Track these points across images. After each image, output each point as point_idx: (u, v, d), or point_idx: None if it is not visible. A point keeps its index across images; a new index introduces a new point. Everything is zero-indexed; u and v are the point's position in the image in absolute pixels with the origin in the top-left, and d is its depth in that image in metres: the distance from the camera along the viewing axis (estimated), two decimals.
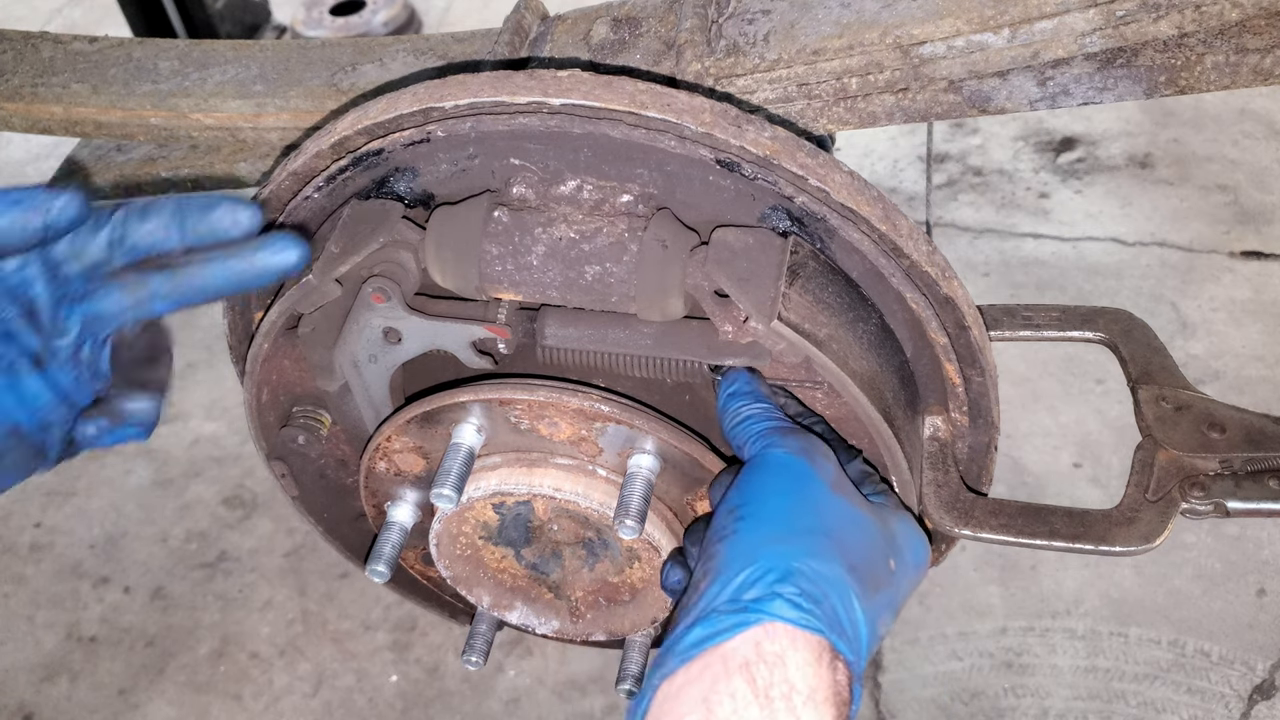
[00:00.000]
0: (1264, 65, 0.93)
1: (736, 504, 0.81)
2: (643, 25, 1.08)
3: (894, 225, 0.86)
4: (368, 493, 1.08)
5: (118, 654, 2.04)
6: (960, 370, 0.96)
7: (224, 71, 1.24)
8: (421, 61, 1.20)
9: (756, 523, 0.78)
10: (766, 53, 0.98)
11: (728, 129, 0.83)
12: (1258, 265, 2.45)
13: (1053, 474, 2.09)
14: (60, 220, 0.74)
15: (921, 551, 0.85)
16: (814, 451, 0.83)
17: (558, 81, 0.85)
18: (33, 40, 1.34)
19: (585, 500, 0.97)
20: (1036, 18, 0.91)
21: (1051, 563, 1.95)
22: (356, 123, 0.89)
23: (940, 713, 1.79)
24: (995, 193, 2.70)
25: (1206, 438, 1.01)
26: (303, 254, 0.80)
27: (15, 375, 0.80)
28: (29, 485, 0.76)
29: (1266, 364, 2.23)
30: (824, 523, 0.78)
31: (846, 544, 0.78)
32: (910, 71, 0.96)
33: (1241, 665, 1.80)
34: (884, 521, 0.83)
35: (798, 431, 0.86)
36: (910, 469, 0.95)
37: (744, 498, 0.81)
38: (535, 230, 0.88)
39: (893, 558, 0.81)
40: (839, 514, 0.80)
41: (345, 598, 2.06)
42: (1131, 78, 0.96)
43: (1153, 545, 0.95)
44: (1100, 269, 2.47)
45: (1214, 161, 2.71)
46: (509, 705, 1.86)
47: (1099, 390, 2.20)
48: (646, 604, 1.07)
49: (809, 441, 0.84)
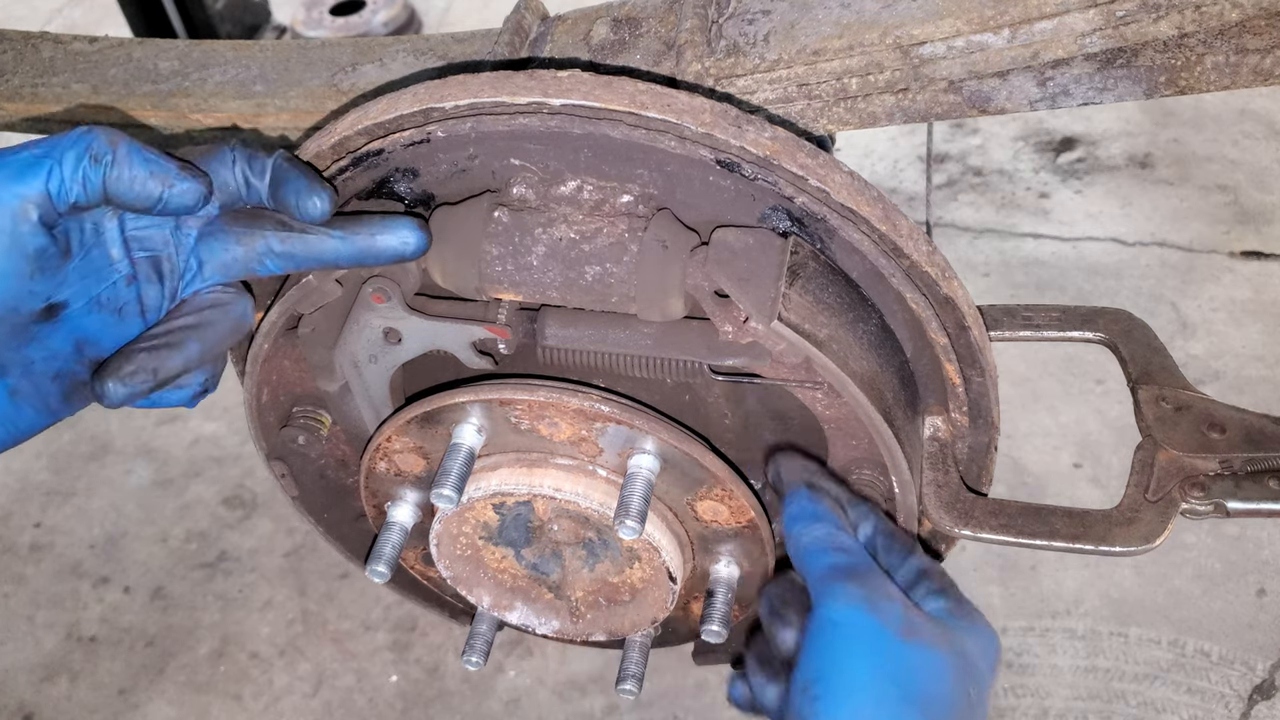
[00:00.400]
0: (1264, 65, 0.93)
1: (810, 680, 0.79)
2: (643, 25, 1.08)
3: (894, 225, 0.86)
4: (368, 493, 1.08)
5: (118, 654, 2.04)
6: (960, 370, 0.96)
7: (224, 72, 1.24)
8: (421, 62, 1.20)
9: (834, 703, 0.76)
10: (767, 53, 0.98)
11: (728, 129, 0.83)
12: (1258, 265, 2.45)
13: (1053, 474, 2.09)
14: (174, 203, 0.75)
15: (993, 652, 0.83)
16: (877, 596, 0.81)
17: (558, 82, 0.85)
18: (33, 40, 1.34)
19: (585, 500, 0.97)
20: (1036, 18, 0.91)
21: (1051, 563, 1.95)
22: (356, 123, 0.89)
23: None
24: (995, 193, 2.70)
25: (1206, 438, 1.01)
26: (423, 242, 0.81)
27: (124, 318, 0.81)
28: (29, 485, 0.76)
29: (1266, 364, 2.23)
30: (902, 688, 0.76)
31: (930, 701, 0.76)
32: (910, 72, 0.96)
33: (1241, 665, 1.80)
34: (955, 644, 0.81)
35: (859, 571, 0.84)
36: (910, 469, 0.95)
37: (816, 672, 0.79)
38: (535, 230, 0.88)
39: (971, 686, 0.79)
40: (915, 669, 0.78)
41: (345, 598, 2.06)
42: (1131, 78, 0.96)
43: (1153, 545, 0.95)
44: (1100, 269, 2.47)
45: (1214, 161, 2.71)
46: (509, 705, 1.86)
47: (1099, 390, 2.20)
48: (646, 604, 1.07)
49: (870, 582, 0.82)
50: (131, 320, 0.81)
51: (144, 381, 0.77)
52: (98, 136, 0.73)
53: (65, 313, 0.77)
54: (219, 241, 0.81)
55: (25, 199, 0.71)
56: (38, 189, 0.71)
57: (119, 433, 2.42)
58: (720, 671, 1.83)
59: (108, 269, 0.79)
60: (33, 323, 0.75)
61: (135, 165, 0.73)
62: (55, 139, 0.73)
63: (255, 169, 0.79)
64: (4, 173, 0.71)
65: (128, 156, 0.73)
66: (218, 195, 0.79)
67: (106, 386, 0.76)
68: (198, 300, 0.82)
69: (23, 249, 0.72)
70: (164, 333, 0.80)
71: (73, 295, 0.77)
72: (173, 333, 0.80)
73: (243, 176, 0.79)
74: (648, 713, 1.81)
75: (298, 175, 0.79)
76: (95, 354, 0.79)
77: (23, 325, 0.74)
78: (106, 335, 0.80)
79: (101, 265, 0.78)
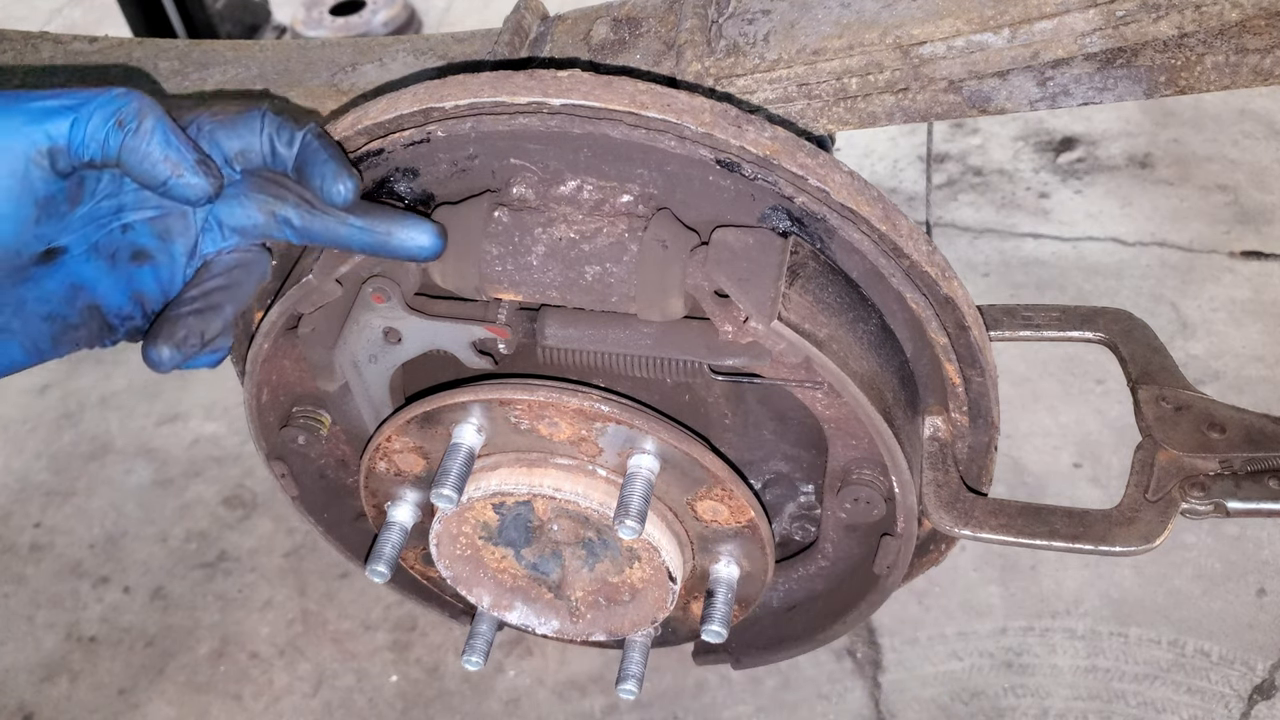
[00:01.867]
0: (1264, 65, 0.93)
1: None
2: (643, 25, 1.08)
3: (894, 225, 0.86)
4: (368, 493, 1.08)
5: (118, 654, 2.04)
6: (960, 370, 0.96)
7: (224, 72, 1.24)
8: (421, 62, 1.20)
9: None
10: (766, 53, 0.98)
11: (728, 129, 0.83)
12: (1258, 265, 2.45)
13: (1053, 474, 2.09)
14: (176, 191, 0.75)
15: None
16: None
17: (558, 82, 0.85)
18: (32, 40, 1.34)
19: (585, 500, 0.97)
20: (1036, 18, 0.91)
21: (1051, 563, 1.95)
22: (356, 123, 0.89)
23: (940, 712, 1.79)
24: (995, 193, 2.70)
25: (1206, 438, 1.01)
26: (438, 246, 0.81)
27: (118, 265, 0.80)
28: (29, 485, 0.75)
29: (1266, 364, 2.23)
30: None
31: None
32: (910, 72, 0.96)
33: (1241, 665, 1.80)
34: None
35: None
36: (910, 469, 0.94)
37: None
38: (535, 230, 0.88)
39: None
40: None
41: (345, 598, 2.06)
42: (1131, 78, 0.96)
43: (1153, 545, 0.95)
44: (1100, 269, 2.47)
45: (1214, 161, 2.71)
46: (509, 705, 1.86)
47: (1099, 390, 2.20)
48: (646, 604, 1.07)
49: None
50: (124, 268, 0.81)
51: (193, 345, 0.79)
52: (129, 103, 0.73)
53: (64, 257, 0.77)
54: (240, 205, 0.81)
55: (42, 146, 0.71)
56: (57, 138, 0.71)
57: (119, 433, 2.42)
58: (720, 671, 1.83)
59: (112, 218, 0.79)
60: (31, 264, 0.75)
61: (154, 143, 0.73)
62: (89, 93, 0.73)
63: (283, 138, 0.79)
64: (26, 115, 0.71)
65: (151, 131, 0.73)
66: (240, 159, 0.79)
67: (161, 351, 0.77)
68: (223, 260, 0.83)
69: (33, 194, 0.72)
70: (201, 295, 0.81)
71: (74, 241, 0.77)
72: (210, 294, 0.81)
73: (270, 144, 0.79)
74: (648, 713, 1.81)
75: (327, 157, 0.78)
76: (87, 299, 0.80)
77: (21, 267, 0.75)
78: (101, 282, 0.80)
79: (107, 214, 0.79)
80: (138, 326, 0.83)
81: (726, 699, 1.82)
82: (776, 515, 1.12)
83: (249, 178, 0.81)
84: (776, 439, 1.05)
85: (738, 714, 1.80)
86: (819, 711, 1.80)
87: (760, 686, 1.83)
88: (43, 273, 0.76)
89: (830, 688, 1.82)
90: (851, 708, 1.80)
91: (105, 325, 0.82)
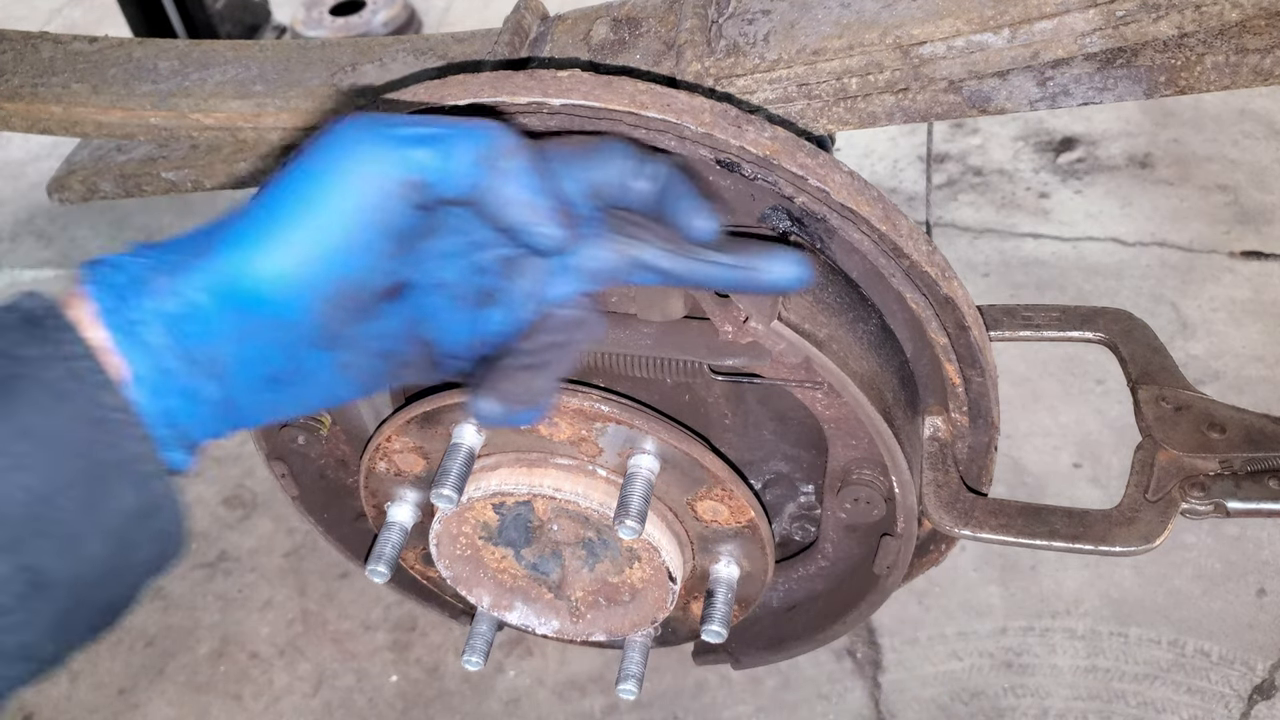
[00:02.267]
0: (1264, 65, 0.93)
1: None
2: (643, 25, 1.08)
3: (894, 225, 0.86)
4: (368, 493, 1.08)
5: (118, 654, 2.03)
6: (960, 370, 0.96)
7: (224, 71, 1.24)
8: (421, 62, 1.20)
9: None
10: (766, 53, 0.98)
11: (728, 129, 0.83)
12: (1258, 265, 2.45)
13: (1052, 474, 2.09)
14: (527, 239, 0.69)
15: None
16: None
17: (558, 81, 0.85)
18: (32, 40, 1.34)
19: (585, 500, 0.97)
20: (1036, 18, 0.91)
21: (1051, 563, 1.95)
22: None
23: (940, 713, 1.79)
24: (995, 193, 2.70)
25: (1206, 438, 1.01)
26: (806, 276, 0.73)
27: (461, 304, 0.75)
28: None
29: (1266, 364, 2.23)
30: None
31: None
32: (910, 72, 0.96)
33: (1241, 665, 1.79)
34: None
35: None
36: (910, 469, 0.94)
37: None
38: None
39: None
40: None
41: (345, 598, 2.06)
42: (1131, 78, 0.96)
43: (1153, 545, 0.95)
44: (1100, 269, 2.47)
45: (1214, 161, 2.71)
46: (509, 705, 1.86)
47: (1099, 390, 2.20)
48: (646, 604, 1.07)
49: None
50: (467, 308, 0.75)
51: (523, 403, 0.72)
52: (497, 139, 0.68)
53: (408, 292, 0.72)
54: (592, 246, 0.74)
55: (406, 178, 0.66)
56: (422, 171, 0.66)
57: None
58: (720, 671, 1.83)
59: (461, 256, 0.74)
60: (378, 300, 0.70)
61: (517, 185, 0.67)
62: (456, 124, 0.68)
63: (644, 172, 0.72)
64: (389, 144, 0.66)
65: (515, 172, 0.67)
66: (594, 195, 0.73)
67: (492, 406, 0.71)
68: (561, 316, 0.76)
69: (390, 228, 0.67)
70: (536, 350, 0.75)
71: (420, 275, 0.72)
72: (544, 350, 0.75)
73: (627, 178, 0.72)
74: (647, 713, 1.81)
75: (688, 191, 0.72)
76: (424, 335, 0.75)
77: (369, 302, 0.70)
78: (440, 321, 0.75)
79: (456, 251, 0.73)
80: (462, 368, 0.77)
81: (726, 699, 1.81)
82: (776, 515, 1.12)
83: (602, 216, 0.74)
84: (776, 439, 1.05)
85: (737, 714, 1.80)
86: (819, 711, 1.80)
87: (760, 687, 1.82)
88: (387, 309, 0.71)
89: (830, 688, 1.82)
90: (851, 708, 1.80)
91: (432, 363, 0.76)
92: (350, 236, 0.66)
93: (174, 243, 0.68)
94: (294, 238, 0.65)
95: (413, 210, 0.67)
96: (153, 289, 0.64)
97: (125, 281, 0.65)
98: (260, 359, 0.67)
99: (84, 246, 2.85)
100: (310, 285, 0.66)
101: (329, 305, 0.67)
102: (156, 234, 2.80)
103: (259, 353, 0.67)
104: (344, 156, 0.66)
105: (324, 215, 0.65)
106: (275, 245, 0.65)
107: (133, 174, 1.30)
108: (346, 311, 0.69)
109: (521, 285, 0.76)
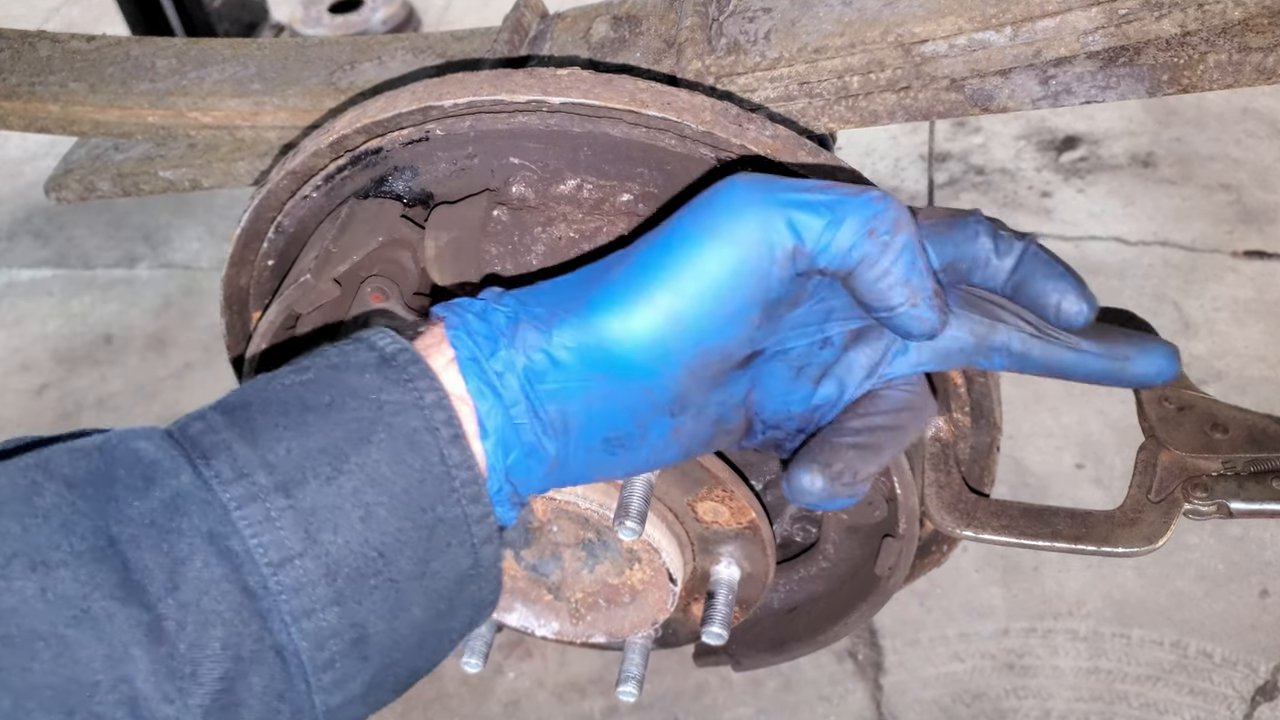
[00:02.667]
0: (1267, 64, 0.92)
1: None
2: (643, 23, 1.07)
3: None
4: None
5: None
6: (962, 370, 0.96)
7: (222, 70, 1.23)
8: (420, 60, 1.19)
9: None
10: (767, 51, 0.98)
11: (729, 127, 0.82)
12: (1260, 265, 2.44)
13: (1055, 475, 2.08)
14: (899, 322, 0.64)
15: None
16: None
17: (557, 80, 0.84)
18: (30, 39, 1.34)
19: (585, 501, 0.96)
20: (1039, 16, 0.91)
21: (1054, 564, 1.95)
22: (355, 121, 0.89)
23: (942, 714, 1.78)
24: (997, 192, 2.70)
25: (1209, 438, 1.00)
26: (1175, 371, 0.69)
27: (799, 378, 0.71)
28: None
29: (1269, 364, 2.23)
30: None
31: None
32: (912, 70, 0.95)
33: (1244, 666, 1.79)
34: None
35: None
36: (912, 470, 0.94)
37: None
38: (535, 230, 0.87)
39: None
40: None
41: None
42: (1134, 76, 0.95)
43: (1155, 546, 0.95)
44: (1103, 268, 2.47)
45: (1217, 161, 2.71)
46: (508, 707, 1.85)
47: (1101, 391, 2.20)
48: (647, 606, 1.06)
49: None
50: (805, 382, 0.71)
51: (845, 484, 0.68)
52: (886, 211, 0.63)
53: (756, 360, 0.69)
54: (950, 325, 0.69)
55: (788, 245, 0.62)
56: (805, 239, 0.62)
57: None
58: (721, 673, 1.82)
59: (815, 328, 0.70)
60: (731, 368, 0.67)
61: (900, 263, 0.63)
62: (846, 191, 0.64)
63: (1001, 249, 0.67)
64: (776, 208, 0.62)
65: (900, 250, 0.63)
66: (949, 270, 0.68)
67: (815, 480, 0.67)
68: (893, 396, 0.72)
69: (766, 295, 0.63)
70: (866, 429, 0.70)
71: (772, 344, 0.69)
72: (874, 432, 0.70)
73: (987, 254, 0.66)
74: (648, 715, 1.80)
75: (1060, 271, 0.65)
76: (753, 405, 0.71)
77: (723, 370, 0.66)
78: (775, 391, 0.71)
79: (811, 321, 0.69)
80: (778, 440, 0.74)
81: (727, 701, 1.81)
82: (777, 516, 1.11)
83: (958, 293, 0.69)
84: None
85: (738, 716, 1.79)
86: (820, 713, 1.79)
87: (761, 688, 1.82)
88: (733, 376, 0.68)
89: (832, 689, 1.82)
90: (853, 709, 1.80)
91: (749, 430, 0.73)
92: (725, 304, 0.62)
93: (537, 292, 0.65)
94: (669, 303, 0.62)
95: (789, 279, 0.64)
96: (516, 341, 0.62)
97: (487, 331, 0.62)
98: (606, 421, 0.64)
99: (81, 245, 2.84)
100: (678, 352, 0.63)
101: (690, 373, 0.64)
102: (154, 233, 2.79)
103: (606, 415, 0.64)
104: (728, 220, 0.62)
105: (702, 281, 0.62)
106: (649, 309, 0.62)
107: (130, 173, 1.29)
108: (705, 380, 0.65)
109: (860, 359, 0.71)
